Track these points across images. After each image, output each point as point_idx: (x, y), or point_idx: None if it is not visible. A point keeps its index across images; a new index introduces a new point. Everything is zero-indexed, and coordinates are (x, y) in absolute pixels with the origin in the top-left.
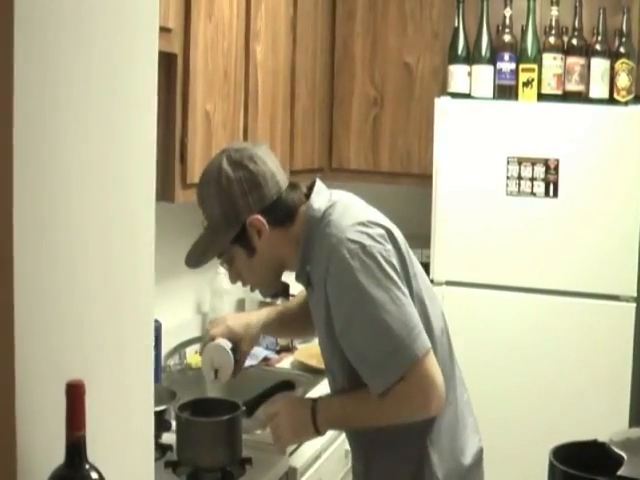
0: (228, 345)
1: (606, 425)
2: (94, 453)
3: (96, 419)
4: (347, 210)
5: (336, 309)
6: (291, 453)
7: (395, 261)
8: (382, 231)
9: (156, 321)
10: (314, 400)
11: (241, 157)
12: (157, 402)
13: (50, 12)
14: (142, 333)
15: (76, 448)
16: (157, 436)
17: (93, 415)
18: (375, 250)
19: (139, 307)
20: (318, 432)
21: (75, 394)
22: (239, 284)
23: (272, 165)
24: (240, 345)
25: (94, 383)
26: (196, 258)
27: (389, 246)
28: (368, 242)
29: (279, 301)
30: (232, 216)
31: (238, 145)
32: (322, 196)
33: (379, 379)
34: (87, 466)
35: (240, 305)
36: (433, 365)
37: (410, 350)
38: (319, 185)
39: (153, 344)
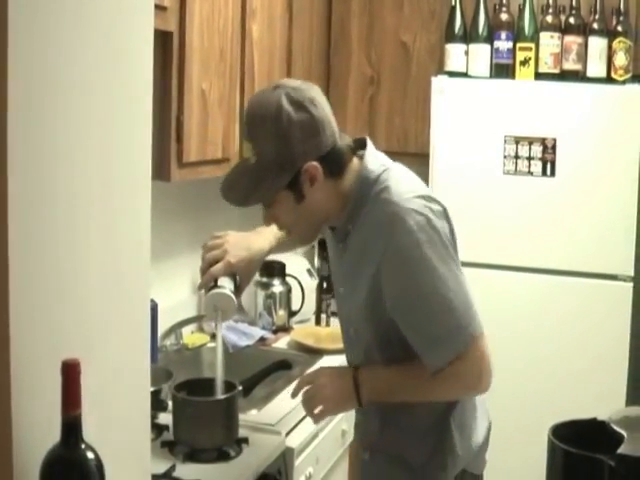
0: (231, 286)
1: (603, 404)
2: (90, 433)
3: (92, 399)
4: (403, 179)
5: (397, 280)
6: (287, 433)
7: (452, 239)
8: (441, 208)
9: (152, 301)
10: (355, 370)
11: (302, 98)
12: (153, 382)
13: None
14: (138, 313)
15: (72, 427)
16: (153, 416)
17: (89, 394)
18: (439, 225)
19: (135, 287)
20: (360, 404)
21: (71, 373)
22: None
23: (328, 111)
24: (241, 281)
25: (90, 362)
26: (242, 197)
27: (446, 224)
28: (432, 216)
29: None
30: (287, 160)
31: (293, 83)
32: (376, 158)
33: (438, 355)
34: (83, 446)
35: None
36: (486, 345)
37: (470, 328)
38: (371, 146)
39: (149, 324)
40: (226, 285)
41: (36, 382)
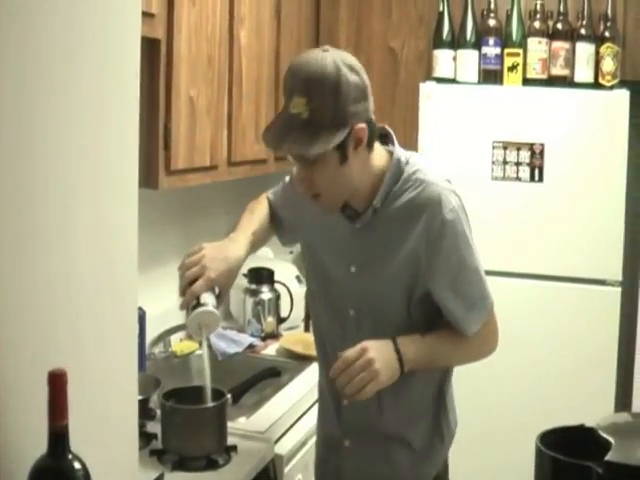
0: (213, 301)
1: (592, 410)
2: (77, 442)
3: (79, 408)
4: (430, 164)
5: (445, 251)
6: (276, 440)
7: None
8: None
9: (140, 309)
10: (394, 340)
11: (354, 63)
12: (141, 390)
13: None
14: (126, 322)
15: (59, 437)
16: (142, 424)
17: (76, 404)
18: (465, 208)
19: (122, 295)
20: (402, 371)
21: (57, 383)
22: None
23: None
24: (221, 291)
25: (77, 372)
26: (298, 149)
27: None
28: (461, 199)
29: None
30: (342, 119)
31: (338, 50)
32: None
33: (474, 319)
34: (70, 456)
35: None
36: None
37: (490, 297)
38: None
39: (137, 332)
40: (209, 301)
41: (23, 392)
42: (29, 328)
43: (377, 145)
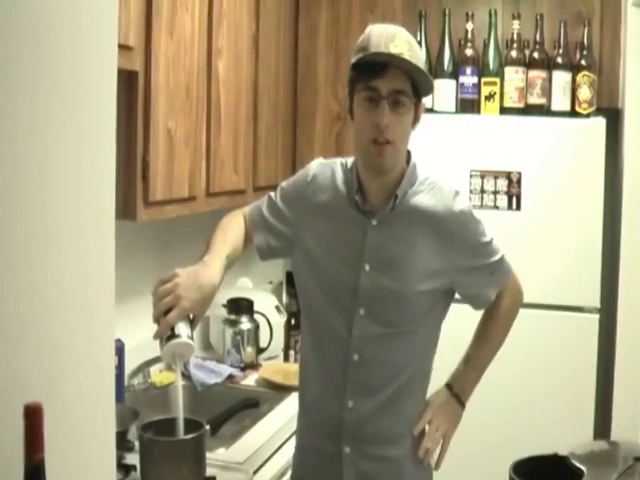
0: (188, 331)
1: (571, 437)
2: (54, 476)
3: (56, 442)
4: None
5: (465, 234)
6: (255, 471)
7: None
8: None
9: (119, 340)
10: (448, 386)
11: None
12: (120, 422)
13: (7, 30)
14: (102, 354)
15: (35, 471)
16: (120, 456)
17: (53, 438)
18: None
19: (99, 327)
20: (464, 407)
21: (33, 417)
22: None
23: None
24: (195, 318)
25: (53, 405)
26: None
27: None
28: None
29: None
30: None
31: None
32: None
33: (499, 281)
34: None
35: (205, 322)
36: None
37: (505, 257)
38: None
39: (114, 364)
40: (183, 332)
41: None
42: (3, 362)
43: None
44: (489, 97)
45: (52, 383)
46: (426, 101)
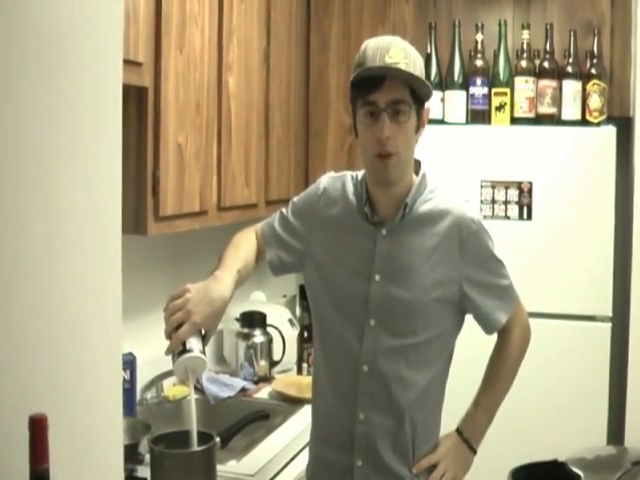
0: (200, 345)
1: (584, 446)
2: None
3: (62, 453)
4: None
5: (476, 248)
6: None
7: None
8: None
9: (130, 354)
10: (459, 431)
11: None
12: (131, 435)
13: (11, 46)
14: (110, 367)
15: None
16: (131, 469)
17: (59, 449)
18: None
19: (106, 340)
20: (475, 452)
21: (38, 428)
22: None
23: None
24: (207, 333)
25: (59, 417)
26: (427, 86)
27: None
28: None
29: None
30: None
31: None
32: None
33: (506, 307)
34: None
35: (218, 335)
36: None
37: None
38: None
39: (121, 377)
40: (195, 347)
41: (4, 437)
42: (9, 373)
43: None
44: (499, 107)
45: (58, 396)
46: (430, 106)
